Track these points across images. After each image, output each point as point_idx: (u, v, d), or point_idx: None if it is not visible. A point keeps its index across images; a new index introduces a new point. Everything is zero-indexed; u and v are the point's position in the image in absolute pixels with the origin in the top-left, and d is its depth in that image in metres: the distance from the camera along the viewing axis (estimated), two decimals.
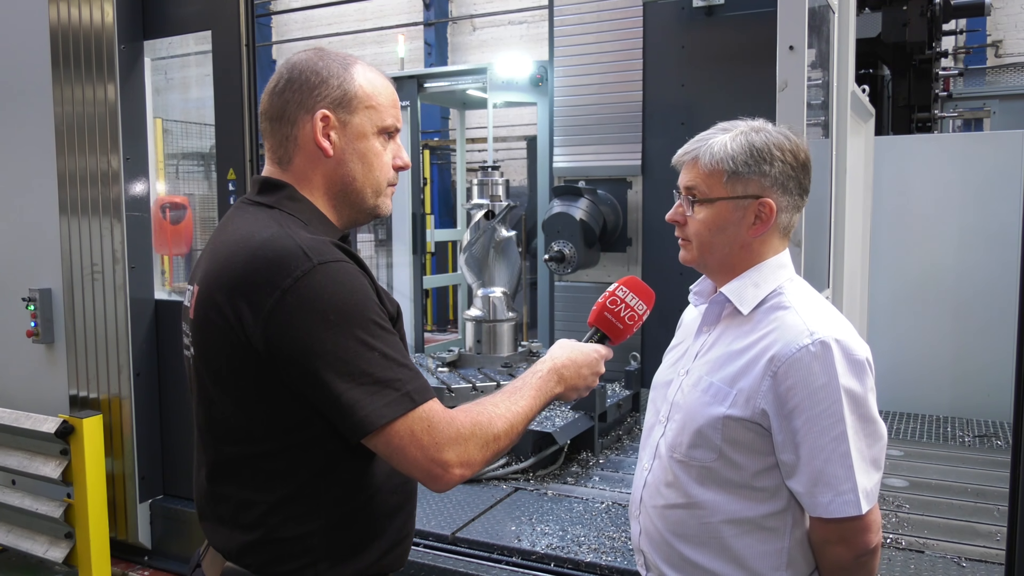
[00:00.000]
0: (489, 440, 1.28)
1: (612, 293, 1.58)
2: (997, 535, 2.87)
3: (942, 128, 6.80)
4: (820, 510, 1.37)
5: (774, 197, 1.45)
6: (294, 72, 1.36)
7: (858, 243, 3.86)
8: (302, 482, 1.29)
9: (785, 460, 1.39)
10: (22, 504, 3.64)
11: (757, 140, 1.45)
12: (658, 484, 1.53)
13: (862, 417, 1.36)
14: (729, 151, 1.45)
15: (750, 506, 1.43)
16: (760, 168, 1.44)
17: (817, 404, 1.34)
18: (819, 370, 1.35)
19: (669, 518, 1.51)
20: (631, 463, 3.70)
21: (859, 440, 1.35)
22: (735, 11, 4.35)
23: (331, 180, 1.37)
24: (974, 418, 4.54)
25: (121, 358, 3.62)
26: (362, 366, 1.20)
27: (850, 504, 1.34)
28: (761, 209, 1.45)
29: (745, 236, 1.47)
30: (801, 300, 1.46)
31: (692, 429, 1.46)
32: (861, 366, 1.37)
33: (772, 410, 1.38)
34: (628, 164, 4.73)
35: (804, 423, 1.35)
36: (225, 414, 1.30)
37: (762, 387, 1.38)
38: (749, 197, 1.45)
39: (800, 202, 1.50)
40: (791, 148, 1.47)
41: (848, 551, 1.39)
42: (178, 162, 4.60)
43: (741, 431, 1.41)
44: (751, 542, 1.44)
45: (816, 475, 1.35)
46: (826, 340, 1.36)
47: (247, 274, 1.22)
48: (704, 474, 1.45)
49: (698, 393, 1.48)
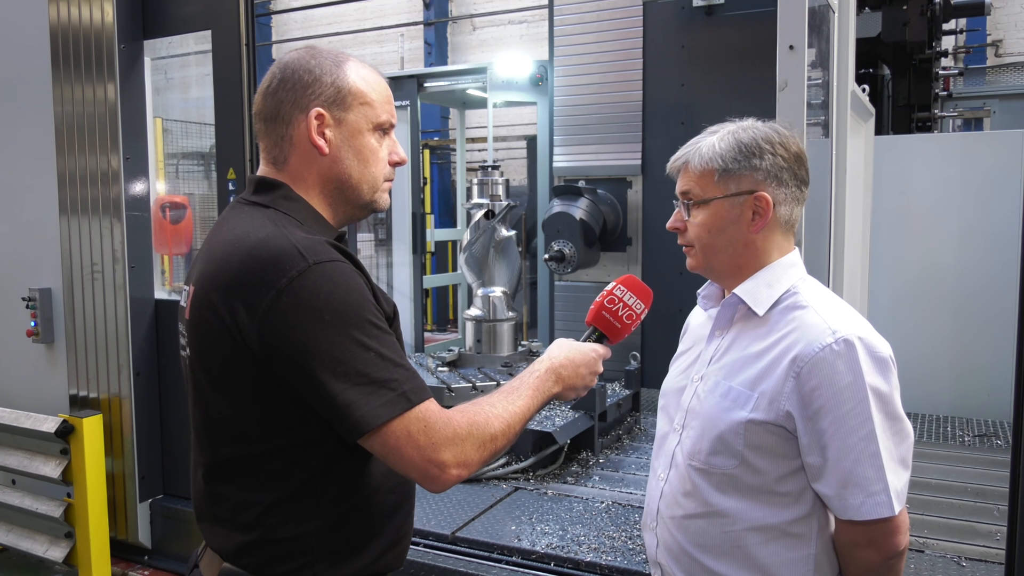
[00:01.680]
0: (486, 440, 1.27)
1: (610, 292, 1.57)
2: (997, 535, 2.87)
3: (942, 128, 6.79)
4: (851, 512, 1.33)
5: (769, 190, 1.44)
6: (287, 71, 1.35)
7: (858, 243, 3.86)
8: (299, 482, 1.29)
9: (812, 463, 1.35)
10: (22, 504, 3.64)
11: (744, 136, 1.45)
12: (676, 494, 1.49)
13: (889, 415, 1.34)
14: (717, 150, 1.44)
15: (774, 512, 1.39)
16: (750, 162, 1.43)
17: (844, 404, 1.31)
18: (844, 369, 1.32)
19: (689, 529, 1.46)
20: (631, 463, 3.70)
21: (887, 439, 1.32)
22: (735, 10, 4.35)
23: (327, 178, 1.37)
24: (974, 417, 4.53)
25: (121, 358, 3.62)
26: (358, 366, 1.19)
27: (882, 505, 1.31)
28: (757, 203, 1.44)
29: (746, 233, 1.45)
30: (818, 299, 1.43)
31: (712, 435, 1.42)
32: (885, 363, 1.36)
33: (797, 412, 1.35)
34: (628, 164, 4.74)
35: (831, 423, 1.32)
36: (222, 415, 1.29)
37: (785, 388, 1.35)
38: (743, 193, 1.44)
39: (798, 194, 1.48)
40: (780, 140, 1.46)
41: (877, 554, 1.35)
42: (178, 162, 4.60)
43: (764, 435, 1.38)
44: (777, 549, 1.39)
45: (846, 476, 1.32)
46: (849, 338, 1.34)
47: (242, 274, 1.22)
48: (725, 481, 1.41)
49: (716, 398, 1.44)
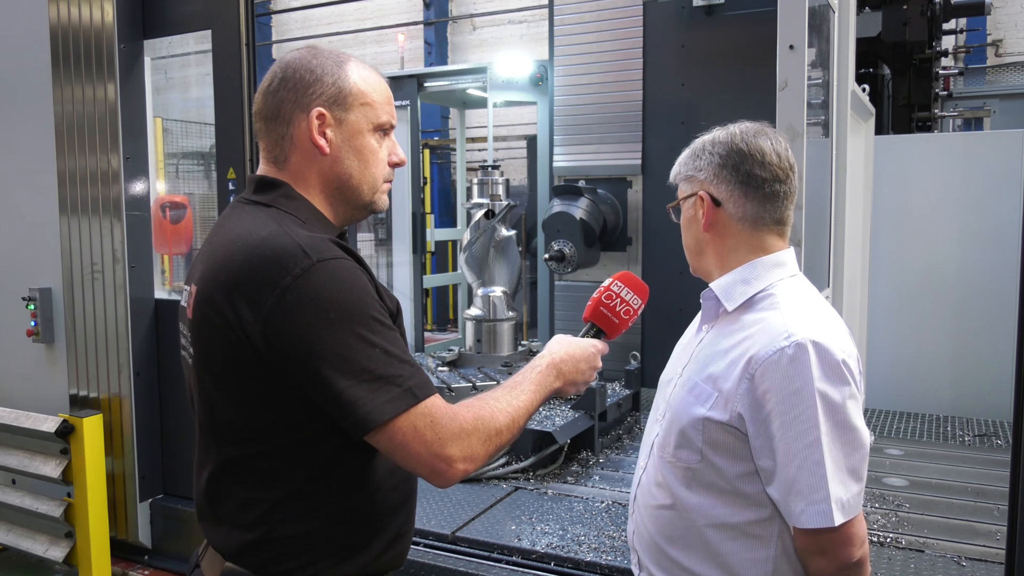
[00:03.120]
0: (491, 434, 1.28)
1: (607, 288, 1.58)
2: (997, 534, 2.87)
3: (942, 127, 6.79)
4: (794, 519, 1.33)
5: (710, 188, 1.48)
6: (288, 71, 1.35)
7: (858, 242, 3.87)
8: (303, 480, 1.29)
9: (763, 466, 1.35)
10: (22, 503, 3.64)
11: (699, 142, 1.52)
12: (650, 484, 1.52)
13: (839, 424, 1.31)
14: (681, 159, 1.54)
15: (734, 512, 1.40)
16: (695, 164, 1.51)
17: (791, 409, 1.30)
18: (794, 374, 1.30)
19: (658, 519, 1.49)
20: (631, 462, 3.70)
21: (835, 449, 1.30)
22: (735, 10, 4.35)
23: (327, 178, 1.37)
24: (974, 417, 4.53)
25: (121, 357, 3.62)
26: (363, 363, 1.20)
27: (822, 515, 1.29)
28: (700, 203, 1.50)
29: (700, 233, 1.52)
30: (790, 300, 1.41)
31: (677, 429, 1.44)
32: (838, 370, 1.32)
33: (748, 415, 1.34)
34: (628, 163, 4.74)
35: (779, 428, 1.31)
36: (226, 414, 1.29)
37: (739, 390, 1.35)
38: (690, 197, 1.52)
39: (749, 190, 1.45)
40: (725, 139, 1.48)
41: (829, 564, 1.34)
42: (178, 161, 4.60)
43: (720, 434, 1.38)
44: (736, 548, 1.40)
45: (790, 483, 1.31)
46: (802, 342, 1.31)
47: (246, 273, 1.22)
48: (690, 476, 1.43)
49: (684, 392, 1.46)
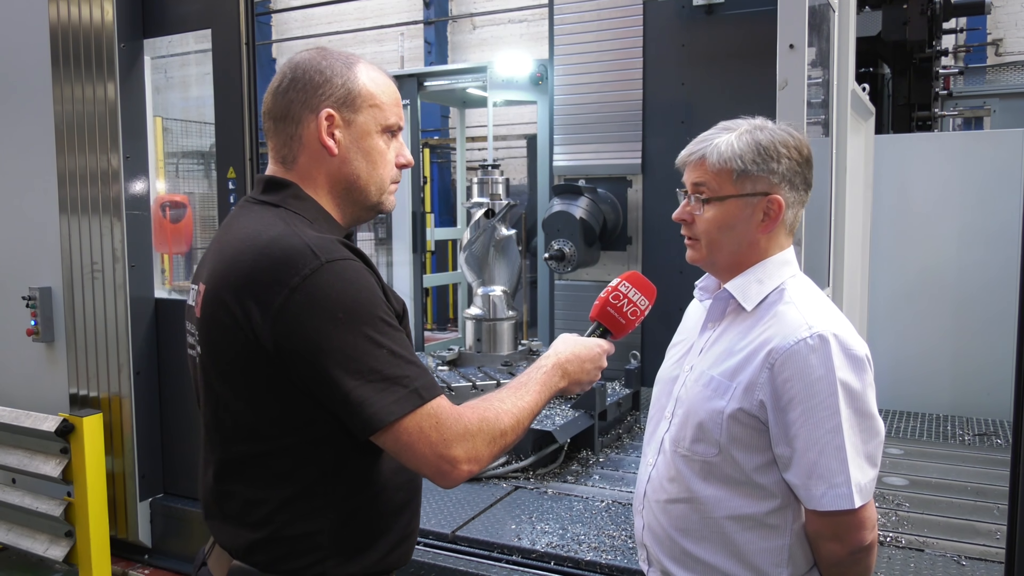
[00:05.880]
0: (496, 435, 1.29)
1: (615, 288, 1.59)
2: (997, 533, 2.88)
3: (942, 126, 6.79)
4: (814, 502, 1.38)
5: (782, 193, 1.48)
6: (298, 71, 1.36)
7: (858, 241, 3.86)
8: (310, 480, 1.29)
9: (781, 453, 1.40)
10: (22, 503, 3.63)
11: (763, 138, 1.48)
12: (661, 479, 1.54)
13: (858, 412, 1.37)
14: (736, 150, 1.46)
15: (751, 503, 1.44)
16: (768, 165, 1.46)
17: (813, 396, 1.35)
18: (816, 363, 1.36)
19: (672, 513, 1.52)
20: (631, 462, 3.70)
21: (854, 435, 1.37)
22: (735, 9, 4.36)
23: (335, 179, 1.38)
24: (974, 416, 4.54)
25: (121, 357, 3.61)
26: (370, 363, 1.20)
27: (843, 497, 1.35)
28: (770, 206, 1.47)
29: (754, 233, 1.49)
30: (802, 296, 1.47)
31: (694, 423, 1.47)
32: (859, 362, 1.39)
33: (769, 402, 1.39)
34: (628, 163, 4.74)
35: (800, 415, 1.36)
36: (233, 413, 1.30)
37: (760, 379, 1.40)
38: (758, 194, 1.47)
39: (804, 197, 1.53)
40: (795, 144, 1.49)
41: (842, 547, 1.40)
42: (178, 161, 4.59)
43: (741, 427, 1.42)
44: (752, 538, 1.45)
45: (811, 467, 1.37)
46: (824, 334, 1.37)
47: (255, 272, 1.22)
48: (706, 469, 1.46)
49: (699, 387, 1.49)
